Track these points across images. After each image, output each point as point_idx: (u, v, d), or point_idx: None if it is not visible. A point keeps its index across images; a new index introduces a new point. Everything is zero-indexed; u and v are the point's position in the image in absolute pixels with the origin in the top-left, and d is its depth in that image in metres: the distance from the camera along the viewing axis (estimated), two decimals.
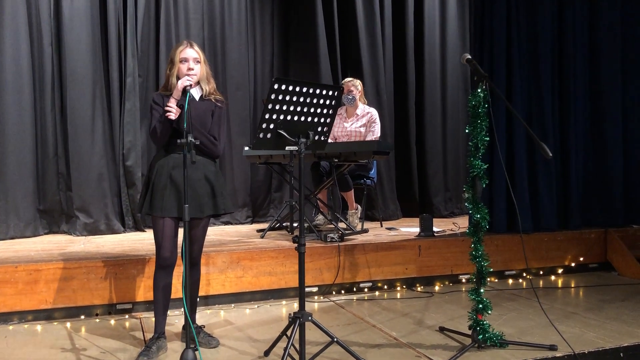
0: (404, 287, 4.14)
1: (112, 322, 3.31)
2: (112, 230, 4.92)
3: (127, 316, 3.42)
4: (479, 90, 2.74)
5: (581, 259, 4.70)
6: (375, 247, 4.09)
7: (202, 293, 3.52)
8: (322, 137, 2.68)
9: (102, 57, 5.03)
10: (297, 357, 2.44)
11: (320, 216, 4.87)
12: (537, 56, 4.72)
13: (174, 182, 2.68)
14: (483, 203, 2.86)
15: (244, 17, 5.76)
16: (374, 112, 5.00)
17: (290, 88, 2.46)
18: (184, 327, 2.74)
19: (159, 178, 2.70)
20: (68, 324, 3.25)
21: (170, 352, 2.74)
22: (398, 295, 3.98)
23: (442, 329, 3.10)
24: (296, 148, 2.52)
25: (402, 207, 6.16)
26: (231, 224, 5.60)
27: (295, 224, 4.45)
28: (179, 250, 2.71)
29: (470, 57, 2.81)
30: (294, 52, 5.99)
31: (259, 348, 2.81)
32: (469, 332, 2.82)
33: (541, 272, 4.57)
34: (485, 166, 2.80)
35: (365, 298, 3.92)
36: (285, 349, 2.43)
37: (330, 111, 2.65)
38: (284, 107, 2.48)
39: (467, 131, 2.83)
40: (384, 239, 4.32)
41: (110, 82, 5.06)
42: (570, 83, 4.86)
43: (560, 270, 4.63)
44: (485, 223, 2.81)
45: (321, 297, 3.90)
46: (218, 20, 5.63)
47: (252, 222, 5.74)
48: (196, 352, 2.47)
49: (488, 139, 2.78)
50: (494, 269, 3.94)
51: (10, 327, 3.21)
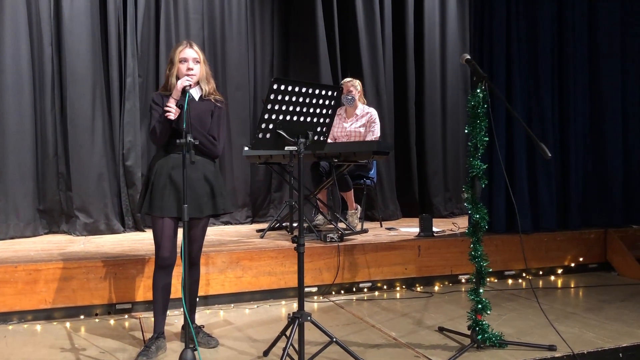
0: (404, 287, 4.14)
1: (112, 322, 3.31)
2: (112, 230, 4.92)
3: (126, 316, 3.42)
4: (478, 91, 2.74)
5: (581, 259, 4.70)
6: (375, 247, 4.09)
7: (202, 293, 3.52)
8: (322, 137, 2.68)
9: (102, 57, 5.03)
10: (296, 357, 2.44)
11: (320, 216, 4.87)
12: (536, 56, 4.72)
13: (173, 182, 2.69)
14: (482, 203, 2.85)
15: (244, 17, 5.76)
16: (374, 112, 5.00)
17: (290, 88, 2.46)
18: (183, 327, 2.74)
19: (158, 178, 2.71)
20: (67, 324, 3.26)
21: (170, 352, 2.74)
22: (397, 296, 3.98)
23: (441, 329, 3.10)
24: (295, 148, 2.52)
25: (401, 207, 6.16)
26: (231, 224, 5.60)
27: (295, 224, 4.45)
28: (179, 250, 2.71)
29: (469, 57, 2.81)
30: (294, 52, 5.99)
31: (258, 348, 2.81)
32: (468, 332, 2.83)
33: (541, 273, 4.57)
34: (485, 166, 2.80)
35: (365, 298, 3.92)
36: (284, 349, 2.43)
37: (330, 111, 2.65)
38: (284, 107, 2.48)
39: (466, 131, 2.83)
40: (383, 239, 4.33)
41: (110, 82, 5.07)
42: (570, 83, 4.86)
43: (559, 271, 4.63)
44: (484, 223, 2.81)
45: (321, 297, 3.90)
46: (218, 20, 5.63)
47: (252, 222, 5.74)
48: (195, 352, 2.48)
49: (487, 139, 2.78)
50: (494, 269, 3.94)
51: (10, 327, 3.21)
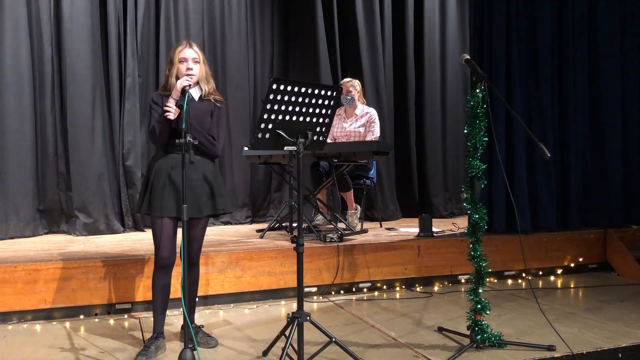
0: (403, 287, 4.14)
1: (111, 321, 3.31)
2: (111, 230, 4.92)
3: (126, 316, 3.42)
4: (477, 91, 2.74)
5: (580, 259, 4.70)
6: (375, 248, 4.09)
7: (201, 293, 3.53)
8: (321, 137, 2.68)
9: (102, 57, 5.03)
10: (295, 357, 2.44)
11: (319, 216, 4.87)
12: (536, 56, 4.72)
13: (172, 182, 2.69)
14: (482, 203, 2.85)
15: (244, 17, 5.76)
16: (373, 112, 5.00)
17: (289, 88, 2.46)
18: (182, 327, 2.75)
19: (157, 178, 2.71)
20: (67, 324, 3.26)
21: (169, 352, 2.74)
22: (397, 296, 3.98)
23: (440, 329, 3.10)
24: (295, 148, 2.52)
25: (401, 207, 6.16)
26: (231, 224, 5.60)
27: (295, 224, 4.45)
28: (178, 250, 2.71)
29: (468, 57, 2.81)
30: (294, 52, 5.99)
31: (258, 348, 2.81)
32: (468, 333, 2.83)
33: (540, 273, 4.57)
34: (484, 166, 2.80)
35: (365, 298, 3.92)
36: (283, 349, 2.43)
37: (329, 111, 2.65)
38: (283, 107, 2.48)
39: (465, 131, 2.83)
40: (383, 239, 4.33)
41: (110, 82, 5.06)
42: (570, 83, 4.86)
43: (559, 271, 4.63)
44: (483, 223, 2.81)
45: (320, 297, 3.90)
46: (218, 20, 5.63)
47: (252, 222, 5.74)
48: (194, 352, 2.48)
49: (487, 139, 2.78)
50: (493, 270, 3.94)
51: (10, 327, 3.21)
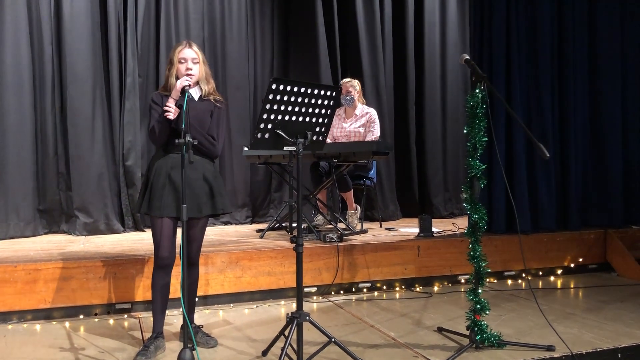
0: (403, 287, 4.14)
1: (111, 321, 3.31)
2: (111, 230, 4.92)
3: (125, 316, 3.43)
4: (477, 91, 2.74)
5: (580, 259, 4.69)
6: (374, 248, 4.09)
7: (201, 293, 3.53)
8: (320, 137, 2.68)
9: (102, 56, 5.03)
10: (294, 357, 2.44)
11: (319, 216, 4.87)
12: (536, 56, 4.72)
13: (172, 182, 2.69)
14: (482, 203, 2.85)
15: (244, 17, 5.76)
16: (373, 112, 5.00)
17: (288, 88, 2.46)
18: (182, 327, 2.75)
19: (157, 178, 2.71)
20: (67, 324, 3.26)
21: (169, 352, 2.75)
22: (397, 296, 3.98)
23: (440, 330, 3.10)
24: (294, 148, 2.52)
25: (401, 207, 6.15)
26: (231, 224, 5.60)
27: (295, 224, 4.45)
28: (178, 250, 2.71)
29: (468, 57, 2.81)
30: (294, 52, 5.99)
31: (257, 348, 2.81)
32: (467, 333, 2.83)
33: (540, 273, 4.57)
34: (484, 166, 2.80)
35: (364, 298, 3.92)
36: (282, 348, 2.43)
37: (329, 111, 2.65)
38: (282, 107, 2.48)
39: (465, 132, 2.83)
40: (383, 240, 4.33)
41: (110, 81, 5.06)
42: (570, 83, 4.86)
43: (559, 271, 4.63)
44: (483, 223, 2.81)
45: (320, 297, 3.90)
46: (218, 20, 5.63)
47: (252, 222, 5.74)
48: (194, 352, 2.48)
49: (486, 139, 2.78)
50: (493, 270, 3.94)
51: (9, 327, 3.21)
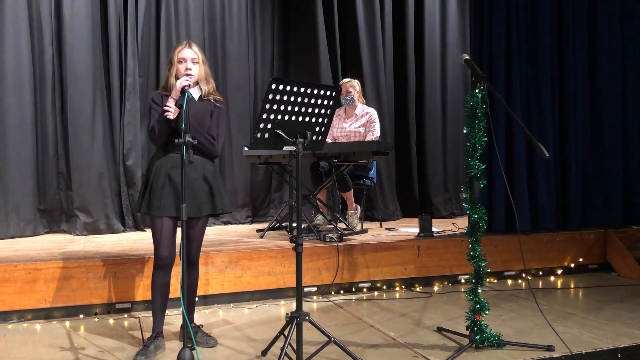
0: (403, 287, 4.14)
1: (111, 321, 3.32)
2: (112, 230, 4.93)
3: (125, 315, 3.43)
4: (477, 91, 2.74)
5: (580, 259, 4.69)
6: (374, 248, 4.10)
7: (201, 292, 3.53)
8: (320, 137, 2.69)
9: (102, 56, 5.04)
10: (294, 357, 2.44)
11: (319, 216, 4.87)
12: (536, 56, 4.71)
13: (172, 181, 2.69)
14: (482, 203, 2.86)
15: (244, 17, 5.76)
16: (373, 112, 5.00)
17: (288, 88, 2.47)
18: (182, 327, 2.75)
19: (157, 178, 2.71)
20: (67, 323, 3.26)
21: (168, 352, 2.75)
22: (397, 296, 3.98)
23: (440, 329, 3.10)
24: (294, 148, 2.53)
25: (401, 207, 6.15)
26: (231, 223, 5.61)
27: (295, 224, 4.45)
28: (178, 249, 2.71)
29: (468, 57, 2.81)
30: (294, 52, 6.00)
31: (257, 348, 2.81)
32: (467, 333, 2.83)
33: (540, 273, 4.57)
34: (483, 166, 2.80)
35: (364, 298, 3.93)
36: (282, 348, 2.44)
37: (328, 111, 2.65)
38: (282, 107, 2.48)
39: (464, 132, 2.83)
40: (383, 239, 4.33)
41: (110, 81, 5.07)
42: (569, 83, 4.85)
43: (559, 271, 4.63)
44: (482, 223, 2.81)
45: (320, 297, 3.90)
46: (218, 20, 5.64)
47: (252, 222, 5.74)
48: (194, 352, 2.48)
49: (486, 139, 2.78)
50: (493, 270, 3.94)
51: (10, 326, 3.22)
